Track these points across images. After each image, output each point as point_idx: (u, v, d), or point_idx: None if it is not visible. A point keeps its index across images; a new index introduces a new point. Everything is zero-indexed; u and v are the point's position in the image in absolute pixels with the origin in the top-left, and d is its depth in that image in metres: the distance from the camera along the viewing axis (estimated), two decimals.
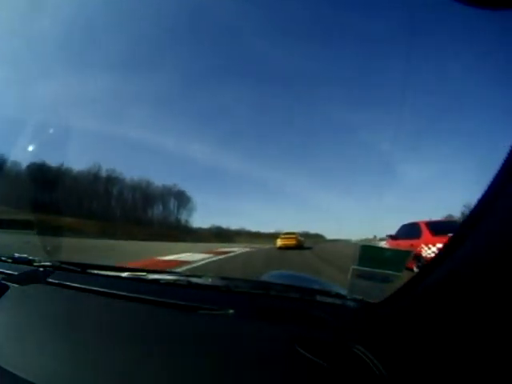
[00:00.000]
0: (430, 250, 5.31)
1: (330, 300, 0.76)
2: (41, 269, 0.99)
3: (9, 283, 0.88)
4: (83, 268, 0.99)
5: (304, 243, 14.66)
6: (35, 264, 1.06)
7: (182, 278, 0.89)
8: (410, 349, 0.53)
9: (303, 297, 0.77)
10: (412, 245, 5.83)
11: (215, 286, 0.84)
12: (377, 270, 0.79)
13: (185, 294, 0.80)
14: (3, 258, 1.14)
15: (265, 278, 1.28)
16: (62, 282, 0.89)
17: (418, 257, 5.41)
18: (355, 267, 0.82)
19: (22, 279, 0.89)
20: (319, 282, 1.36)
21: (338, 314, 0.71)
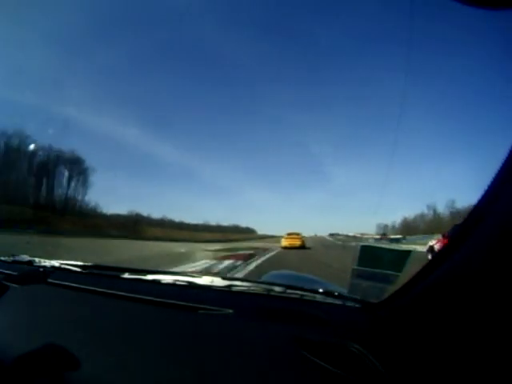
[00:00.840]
0: None
1: (330, 300, 0.75)
2: (41, 269, 0.99)
3: (9, 283, 0.88)
4: (83, 268, 0.99)
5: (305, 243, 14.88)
6: (35, 264, 1.06)
7: (182, 278, 0.89)
8: (409, 349, 0.53)
9: (303, 297, 0.77)
10: None
11: (215, 286, 0.84)
12: (377, 270, 0.79)
13: (185, 294, 0.80)
14: (3, 258, 1.14)
15: (265, 277, 1.28)
16: (61, 282, 0.89)
17: None
18: (355, 267, 0.82)
19: (22, 279, 0.89)
20: (319, 282, 1.35)
21: (338, 314, 0.71)
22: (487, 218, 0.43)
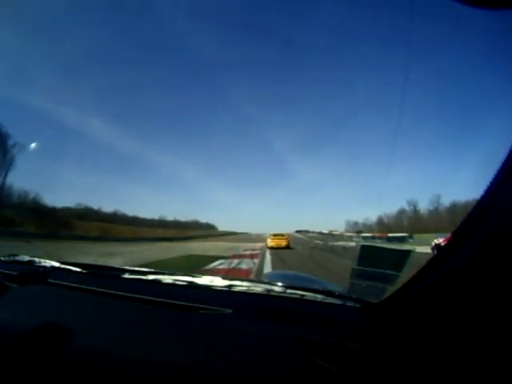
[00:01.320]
0: None
1: (330, 300, 0.75)
2: (41, 269, 0.99)
3: (9, 283, 0.88)
4: (83, 268, 0.99)
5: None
6: (35, 264, 1.06)
7: (182, 278, 0.89)
8: (409, 348, 0.53)
9: (303, 297, 0.77)
10: None
11: (215, 286, 0.84)
12: (377, 270, 0.79)
13: (185, 294, 0.80)
14: (3, 258, 1.14)
15: (265, 277, 1.28)
16: (62, 282, 0.89)
17: None
18: (355, 267, 0.82)
19: (22, 279, 0.89)
20: (319, 282, 1.36)
21: (338, 314, 0.71)
22: (487, 218, 0.43)
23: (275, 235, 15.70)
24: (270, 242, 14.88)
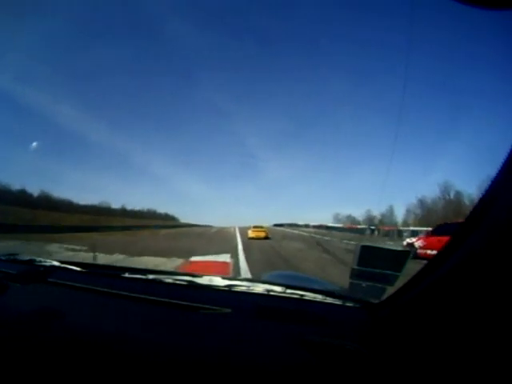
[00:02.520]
0: None
1: (330, 300, 0.75)
2: (41, 268, 0.99)
3: (9, 282, 0.88)
4: (84, 267, 0.99)
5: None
6: (35, 263, 1.06)
7: (182, 277, 0.89)
8: (409, 348, 0.53)
9: (303, 297, 0.77)
10: None
11: (215, 286, 0.84)
12: (377, 271, 0.79)
13: (185, 294, 0.80)
14: (4, 258, 1.14)
15: (265, 277, 1.28)
16: (62, 281, 0.89)
17: None
18: (355, 267, 0.82)
19: (22, 278, 0.89)
20: (319, 281, 1.36)
21: (338, 314, 0.71)
22: (487, 217, 0.43)
23: (255, 227, 17.31)
24: (251, 234, 16.26)
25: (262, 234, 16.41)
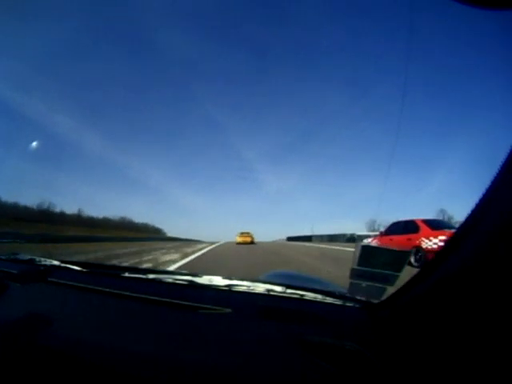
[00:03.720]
0: (430, 242, 6.23)
1: (330, 300, 0.75)
2: (41, 267, 0.99)
3: (9, 282, 0.88)
4: (84, 267, 0.99)
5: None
6: (36, 263, 1.06)
7: (182, 277, 0.89)
8: (410, 349, 0.53)
9: (303, 297, 0.77)
10: (410, 239, 6.88)
11: (215, 286, 0.84)
12: (377, 271, 0.79)
13: (185, 294, 0.80)
14: (4, 257, 1.14)
15: (265, 277, 1.28)
16: (62, 280, 0.89)
17: (418, 248, 6.56)
18: (355, 267, 0.82)
19: (22, 278, 0.89)
20: (319, 281, 1.36)
21: (338, 314, 0.71)
22: (487, 217, 0.43)
23: (242, 233, 20.20)
24: (238, 239, 18.69)
25: (248, 239, 18.85)
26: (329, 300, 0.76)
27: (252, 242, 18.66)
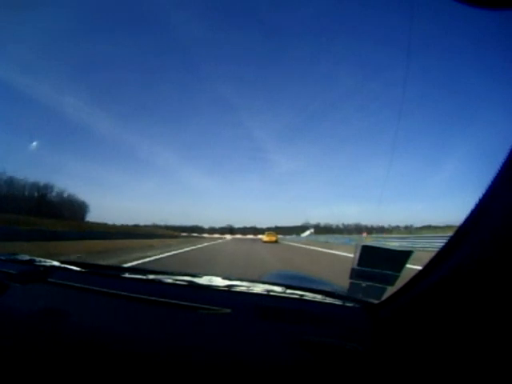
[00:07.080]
0: None
1: (330, 300, 0.75)
2: (41, 268, 0.99)
3: (9, 282, 0.88)
4: (83, 267, 0.99)
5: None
6: (36, 263, 1.06)
7: (182, 278, 0.89)
8: (409, 349, 0.53)
9: (303, 297, 0.77)
10: None
11: (215, 286, 0.84)
12: (377, 271, 0.79)
13: (185, 294, 0.80)
14: (3, 258, 1.14)
15: (265, 277, 1.28)
16: (62, 281, 0.89)
17: None
18: (355, 267, 0.82)
19: (22, 278, 0.89)
20: (320, 281, 1.36)
21: (338, 314, 0.70)
22: (487, 217, 0.43)
23: (268, 233, 23.71)
24: (264, 238, 22.22)
25: (274, 238, 22.08)
26: (329, 300, 0.75)
27: (276, 241, 21.38)
